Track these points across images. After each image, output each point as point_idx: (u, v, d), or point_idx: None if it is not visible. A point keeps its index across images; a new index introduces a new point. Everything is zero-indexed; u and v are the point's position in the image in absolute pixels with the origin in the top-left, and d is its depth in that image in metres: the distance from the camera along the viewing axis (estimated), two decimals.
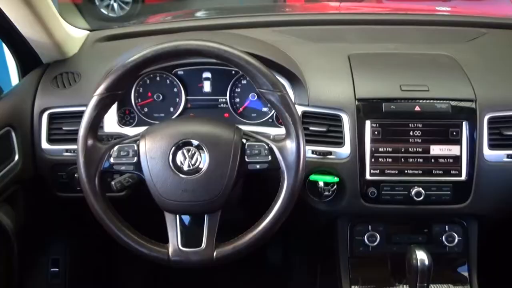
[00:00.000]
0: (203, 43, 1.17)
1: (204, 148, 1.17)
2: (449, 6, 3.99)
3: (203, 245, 1.18)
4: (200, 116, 1.47)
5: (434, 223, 1.44)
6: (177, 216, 1.19)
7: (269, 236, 1.19)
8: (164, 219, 1.20)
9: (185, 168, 1.17)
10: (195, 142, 1.18)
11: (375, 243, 1.44)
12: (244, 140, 1.20)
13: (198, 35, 1.55)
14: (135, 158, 1.18)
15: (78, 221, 1.24)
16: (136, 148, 1.19)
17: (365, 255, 1.46)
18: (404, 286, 1.44)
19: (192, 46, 1.17)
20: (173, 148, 1.17)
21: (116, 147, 1.19)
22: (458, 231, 1.44)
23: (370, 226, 1.44)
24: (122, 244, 1.19)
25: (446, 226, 1.44)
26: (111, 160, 1.18)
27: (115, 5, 7.66)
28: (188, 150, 1.17)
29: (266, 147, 1.19)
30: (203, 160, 1.17)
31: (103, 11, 7.70)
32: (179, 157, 1.17)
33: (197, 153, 1.17)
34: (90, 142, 1.17)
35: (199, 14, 2.32)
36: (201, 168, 1.17)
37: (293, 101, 1.39)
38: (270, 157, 1.18)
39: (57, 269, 1.74)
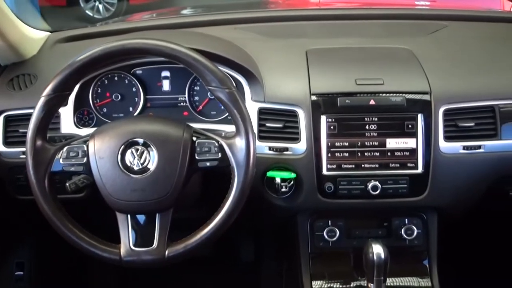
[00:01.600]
0: (149, 42, 1.16)
1: (152, 147, 1.17)
2: (429, 1, 3.99)
3: (155, 244, 1.18)
4: (150, 115, 1.47)
5: (393, 216, 1.44)
6: (128, 216, 1.19)
7: (221, 233, 1.19)
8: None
9: (134, 167, 1.16)
10: (143, 141, 1.17)
11: (335, 238, 1.43)
12: (194, 138, 1.19)
13: (156, 34, 1.55)
14: (85, 159, 1.18)
15: (41, 223, 1.24)
16: (85, 148, 1.18)
17: (326, 250, 1.45)
18: (365, 280, 1.44)
19: (138, 45, 1.17)
20: (122, 148, 1.17)
21: (65, 148, 1.18)
22: (418, 224, 1.44)
23: (330, 221, 1.44)
24: (73, 245, 1.18)
25: (406, 219, 1.44)
26: (61, 161, 1.18)
27: (100, 6, 7.64)
28: (137, 149, 1.17)
29: (216, 144, 1.19)
30: (152, 159, 1.17)
31: (88, 12, 7.69)
32: (128, 156, 1.17)
33: (145, 152, 1.17)
34: (38, 143, 1.16)
35: (184, 12, 2.32)
36: (150, 167, 1.16)
37: (246, 98, 1.41)
38: (220, 154, 1.18)
39: (21, 273, 1.74)
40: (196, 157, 1.18)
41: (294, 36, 1.62)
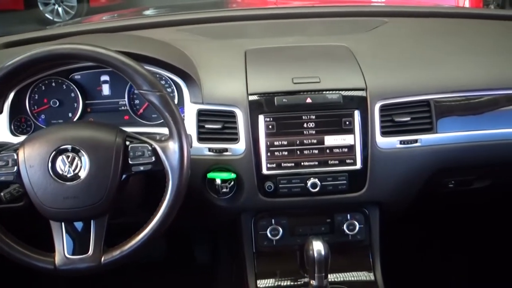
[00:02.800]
0: (77, 47, 1.15)
1: (83, 153, 1.16)
2: None
3: (90, 251, 1.17)
4: (89, 120, 1.46)
5: (336, 212, 1.46)
6: (63, 223, 1.17)
7: (158, 237, 1.18)
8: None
9: (65, 174, 1.15)
10: (74, 147, 1.16)
11: (278, 237, 1.44)
12: (127, 142, 1.19)
13: (90, 38, 1.53)
14: (15, 168, 1.16)
15: None
16: (15, 157, 1.16)
17: (270, 249, 1.46)
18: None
19: (66, 50, 1.16)
20: (52, 155, 1.15)
21: None
22: (360, 219, 1.46)
23: (273, 220, 1.45)
24: (6, 256, 1.16)
25: (348, 215, 1.45)
26: None
27: (60, 9, 7.51)
28: (68, 156, 1.16)
29: (150, 148, 1.19)
30: (84, 165, 1.15)
31: (48, 16, 7.54)
32: (59, 163, 1.15)
33: (77, 158, 1.16)
34: None
35: (146, 12, 2.30)
36: (82, 174, 1.15)
37: (185, 100, 1.40)
38: (153, 158, 1.18)
39: None
40: (130, 162, 1.18)
41: (234, 36, 1.62)
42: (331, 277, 1.42)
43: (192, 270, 2.09)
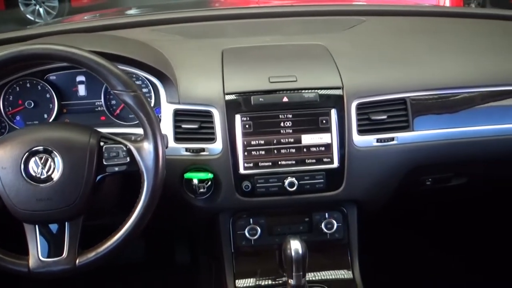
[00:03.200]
0: (49, 47, 1.14)
1: (57, 154, 1.14)
2: None
3: (65, 253, 1.16)
4: (55, 122, 1.44)
5: (314, 211, 1.46)
6: (36, 226, 1.16)
7: (134, 238, 1.17)
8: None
9: (39, 176, 1.14)
10: (47, 149, 1.15)
11: (256, 236, 1.44)
12: (101, 143, 1.18)
13: (65, 38, 1.51)
14: None
15: None
16: None
17: (249, 248, 1.46)
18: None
19: (38, 51, 1.14)
20: (25, 157, 1.14)
21: None
22: (338, 217, 1.46)
23: (251, 220, 1.45)
24: None
25: (326, 214, 1.46)
26: None
27: (41, 10, 7.43)
28: (41, 158, 1.14)
29: (125, 148, 1.18)
30: (57, 167, 1.14)
31: (29, 17, 7.46)
32: (32, 165, 1.14)
33: (50, 159, 1.14)
34: None
35: (128, 12, 2.28)
36: (55, 175, 1.14)
37: (161, 100, 1.39)
38: (128, 159, 1.17)
39: None
40: (104, 163, 1.17)
41: (212, 36, 1.62)
42: (310, 276, 1.42)
43: (173, 271, 2.08)
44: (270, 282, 1.45)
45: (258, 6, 1.97)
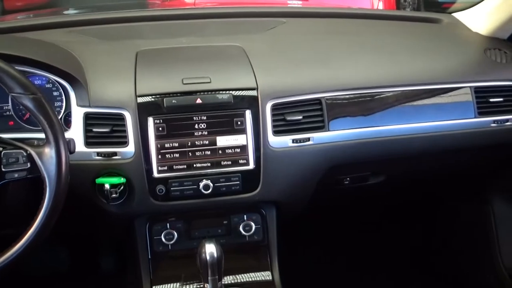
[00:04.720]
0: None
1: None
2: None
3: None
4: None
5: (232, 214, 1.45)
6: None
7: (36, 248, 1.12)
8: None
9: None
10: None
11: (173, 241, 1.41)
12: (0, 149, 1.12)
13: None
14: None
15: None
16: None
17: (166, 253, 1.43)
18: None
19: None
20: None
21: None
22: (257, 219, 1.45)
23: (168, 224, 1.42)
24: None
25: (245, 216, 1.45)
26: None
27: None
28: None
29: (25, 154, 1.13)
30: None
31: None
32: None
33: None
34: None
35: (65, 13, 2.19)
36: None
37: (71, 103, 1.34)
38: (29, 164, 1.12)
39: None
40: (3, 169, 1.12)
41: (128, 37, 1.58)
42: (227, 279, 1.40)
43: (98, 280, 2.02)
44: (187, 287, 1.42)
45: (178, 8, 1.94)
